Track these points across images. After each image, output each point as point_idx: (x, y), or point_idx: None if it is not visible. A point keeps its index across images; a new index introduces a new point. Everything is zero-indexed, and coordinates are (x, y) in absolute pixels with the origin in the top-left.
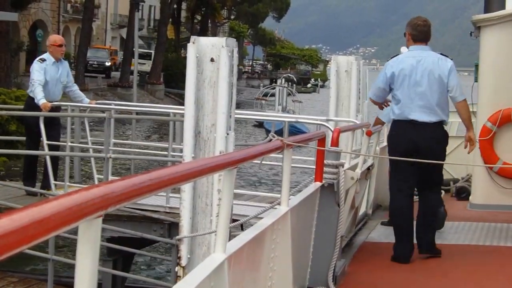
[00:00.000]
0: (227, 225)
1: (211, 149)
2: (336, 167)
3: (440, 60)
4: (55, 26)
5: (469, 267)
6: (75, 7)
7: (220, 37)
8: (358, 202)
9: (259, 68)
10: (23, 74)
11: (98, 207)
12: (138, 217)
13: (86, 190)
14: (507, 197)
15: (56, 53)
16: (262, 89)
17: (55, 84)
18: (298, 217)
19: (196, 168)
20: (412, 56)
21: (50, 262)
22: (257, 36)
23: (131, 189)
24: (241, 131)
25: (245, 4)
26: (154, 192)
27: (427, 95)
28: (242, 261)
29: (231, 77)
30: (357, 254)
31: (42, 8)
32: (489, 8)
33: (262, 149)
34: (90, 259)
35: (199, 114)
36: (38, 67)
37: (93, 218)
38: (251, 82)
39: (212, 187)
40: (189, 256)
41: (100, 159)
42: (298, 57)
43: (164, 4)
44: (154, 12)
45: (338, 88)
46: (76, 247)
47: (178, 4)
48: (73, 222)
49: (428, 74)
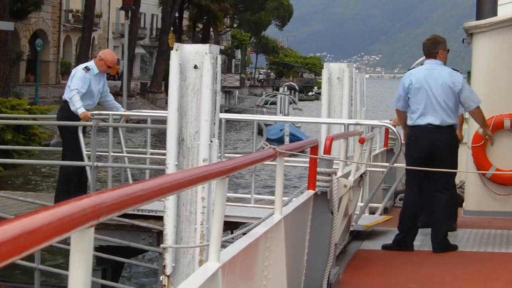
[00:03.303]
0: (220, 233)
1: (194, 156)
2: (329, 175)
3: (451, 73)
4: (55, 35)
5: (464, 273)
6: (77, 16)
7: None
8: (351, 209)
9: (262, 76)
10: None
11: (89, 217)
12: (127, 225)
13: (78, 200)
14: (500, 204)
15: (103, 69)
16: (263, 96)
17: (96, 95)
18: (292, 225)
19: (188, 177)
20: (425, 69)
21: (37, 271)
22: (260, 44)
23: (123, 199)
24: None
25: (248, 13)
26: (146, 202)
27: (439, 102)
28: (236, 270)
29: (215, 84)
30: (352, 262)
31: (43, 17)
32: (480, 15)
33: (254, 157)
34: (83, 269)
35: (183, 121)
36: (82, 76)
37: (85, 228)
38: (253, 90)
39: (196, 195)
40: (173, 265)
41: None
42: (301, 65)
43: (165, 13)
44: (157, 21)
45: (330, 95)
46: (69, 258)
47: (179, 13)
48: (65, 232)
49: (442, 85)
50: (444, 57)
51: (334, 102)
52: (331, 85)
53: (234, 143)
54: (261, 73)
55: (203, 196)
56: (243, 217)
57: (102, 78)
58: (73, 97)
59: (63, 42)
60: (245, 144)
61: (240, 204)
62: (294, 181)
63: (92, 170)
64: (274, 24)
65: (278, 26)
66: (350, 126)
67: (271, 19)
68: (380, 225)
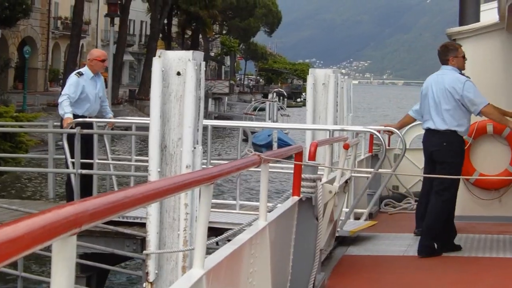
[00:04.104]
0: (204, 240)
1: (177, 163)
2: (313, 181)
3: (454, 78)
4: (44, 42)
5: (449, 278)
6: (65, 24)
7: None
8: (336, 215)
9: (252, 82)
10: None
11: (71, 225)
12: (111, 232)
13: (60, 208)
14: (484, 208)
15: (98, 68)
16: (252, 103)
17: (94, 100)
18: (277, 231)
19: (173, 184)
20: (436, 75)
21: (20, 279)
22: (249, 50)
23: (106, 207)
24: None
25: (237, 19)
26: (129, 210)
27: (438, 107)
28: (221, 277)
29: (198, 91)
30: (337, 268)
31: (31, 24)
32: (463, 21)
33: (239, 164)
34: (65, 277)
35: (165, 128)
36: (73, 82)
37: (67, 236)
38: (243, 96)
39: (180, 201)
40: (157, 272)
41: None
42: (290, 72)
43: (154, 19)
44: (146, 28)
45: (315, 101)
46: (51, 266)
47: (168, 20)
48: (46, 240)
49: (441, 89)
50: (457, 63)
51: (319, 108)
52: (316, 91)
53: (224, 149)
54: (251, 79)
55: (186, 202)
56: (228, 223)
57: (98, 81)
58: (62, 101)
59: (52, 49)
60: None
61: (226, 210)
62: (285, 185)
63: (76, 177)
64: (263, 30)
65: (267, 33)
66: (336, 132)
67: (260, 26)
68: (366, 231)
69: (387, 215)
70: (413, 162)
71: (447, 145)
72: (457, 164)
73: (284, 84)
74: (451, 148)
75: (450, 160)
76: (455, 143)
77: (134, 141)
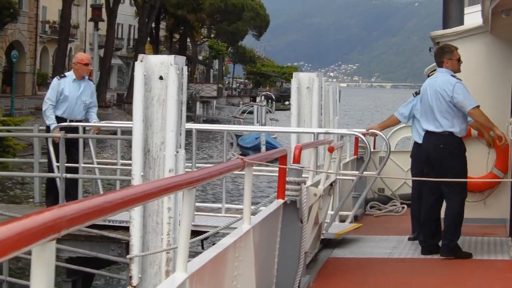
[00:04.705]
0: (187, 244)
1: (161, 167)
2: (298, 184)
3: (445, 80)
4: (32, 46)
5: (434, 280)
6: (53, 28)
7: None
8: (321, 218)
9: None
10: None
11: (50, 230)
12: (96, 236)
13: (38, 213)
14: (469, 210)
15: (82, 71)
16: (241, 107)
17: (75, 102)
18: (261, 235)
19: (154, 189)
20: (431, 78)
21: (5, 283)
22: (237, 54)
23: (85, 212)
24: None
25: (225, 23)
26: (109, 215)
27: (432, 109)
28: (205, 280)
29: (180, 95)
30: (322, 270)
31: (19, 29)
32: (447, 24)
33: (222, 168)
34: (44, 283)
35: (148, 132)
36: (53, 84)
37: (46, 242)
38: (231, 100)
39: (163, 205)
40: (140, 276)
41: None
42: (278, 75)
43: (142, 23)
44: (134, 31)
45: (299, 104)
46: (31, 271)
47: (156, 23)
48: (24, 246)
49: (434, 91)
50: (451, 65)
51: (304, 111)
52: (301, 94)
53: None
54: (239, 82)
55: (169, 206)
56: (214, 226)
57: (83, 84)
58: (45, 110)
59: (40, 53)
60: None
61: (211, 214)
62: (274, 187)
63: (61, 181)
64: (251, 34)
65: (255, 36)
66: (321, 135)
67: (248, 29)
68: (351, 233)
69: (373, 218)
70: (398, 165)
71: (444, 147)
72: (458, 166)
73: (272, 88)
74: (449, 149)
75: (447, 161)
76: (453, 144)
77: (119, 145)
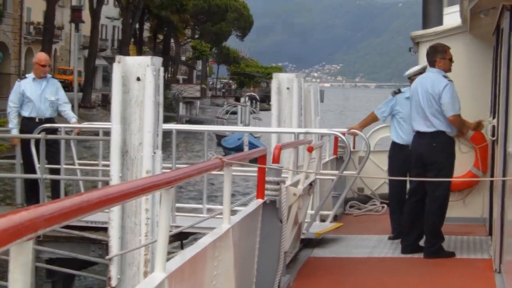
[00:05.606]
0: (165, 244)
1: (139, 168)
2: (277, 183)
3: (436, 80)
4: (16, 48)
5: (413, 279)
6: (38, 29)
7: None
8: (301, 218)
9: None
10: None
11: (26, 230)
12: (77, 238)
13: (15, 213)
14: (448, 210)
15: (39, 72)
16: (224, 107)
17: (39, 100)
18: (241, 234)
19: (132, 188)
20: (421, 77)
21: None
22: (221, 55)
23: (62, 211)
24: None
25: (208, 24)
26: (86, 214)
27: (423, 109)
28: (184, 280)
29: (157, 96)
30: (302, 270)
31: (4, 30)
32: (427, 25)
33: (200, 168)
34: (22, 282)
35: (126, 133)
36: (14, 87)
37: (23, 241)
38: (215, 100)
39: (141, 206)
40: (119, 277)
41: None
42: (263, 75)
43: (126, 24)
44: (118, 32)
45: (279, 105)
46: (9, 270)
47: (140, 24)
48: (1, 246)
49: (425, 91)
50: (443, 65)
51: (284, 112)
52: (281, 95)
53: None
54: (223, 83)
55: (147, 207)
56: (195, 227)
57: (43, 83)
58: (8, 114)
59: (25, 54)
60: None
61: (192, 214)
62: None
63: (41, 182)
64: (235, 34)
65: (239, 37)
66: (301, 135)
67: (232, 30)
68: (331, 233)
69: (352, 217)
70: (377, 164)
71: (436, 145)
72: (448, 164)
73: (257, 88)
74: (441, 148)
75: (440, 159)
76: (445, 143)
77: (101, 146)
